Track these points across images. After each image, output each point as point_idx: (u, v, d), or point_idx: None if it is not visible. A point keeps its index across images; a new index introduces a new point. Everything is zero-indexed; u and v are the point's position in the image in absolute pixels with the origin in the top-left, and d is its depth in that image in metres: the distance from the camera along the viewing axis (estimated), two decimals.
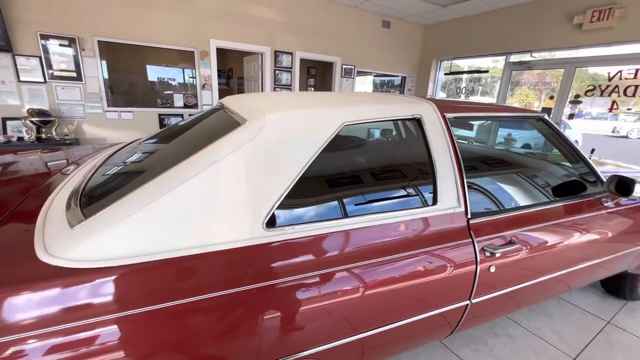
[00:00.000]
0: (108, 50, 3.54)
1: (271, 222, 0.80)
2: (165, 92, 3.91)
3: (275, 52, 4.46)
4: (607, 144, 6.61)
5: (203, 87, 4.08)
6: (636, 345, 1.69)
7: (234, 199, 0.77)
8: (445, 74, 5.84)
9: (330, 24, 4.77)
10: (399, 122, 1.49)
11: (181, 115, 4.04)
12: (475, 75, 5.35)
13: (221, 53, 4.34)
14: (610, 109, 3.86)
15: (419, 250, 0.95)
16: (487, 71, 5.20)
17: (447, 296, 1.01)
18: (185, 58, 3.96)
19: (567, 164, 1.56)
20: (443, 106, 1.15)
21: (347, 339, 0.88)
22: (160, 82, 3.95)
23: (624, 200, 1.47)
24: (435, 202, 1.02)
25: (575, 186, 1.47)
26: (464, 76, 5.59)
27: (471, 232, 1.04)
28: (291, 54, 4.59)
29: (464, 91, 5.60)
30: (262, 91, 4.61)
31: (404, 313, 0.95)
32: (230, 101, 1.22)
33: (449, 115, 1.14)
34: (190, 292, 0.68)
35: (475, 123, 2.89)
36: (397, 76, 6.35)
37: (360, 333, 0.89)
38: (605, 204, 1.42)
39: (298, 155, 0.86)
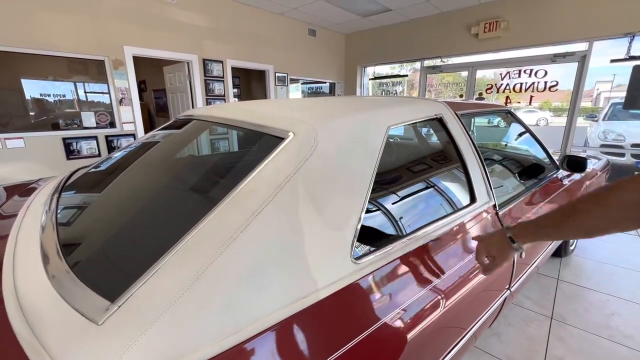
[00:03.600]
0: None
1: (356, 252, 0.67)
2: (67, 111, 3.14)
3: (204, 60, 4.07)
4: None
5: (120, 102, 3.44)
6: (583, 293, 2.04)
7: (313, 233, 0.61)
8: (370, 79, 6.26)
9: (259, 32, 4.61)
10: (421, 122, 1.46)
11: (95, 137, 3.32)
12: (397, 79, 5.88)
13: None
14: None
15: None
16: (406, 75, 5.77)
17: (493, 291, 1.02)
18: (90, 68, 3.27)
19: (525, 148, 1.79)
20: (452, 104, 1.17)
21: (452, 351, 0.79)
22: (62, 99, 3.14)
23: (574, 176, 1.76)
24: (473, 200, 1.02)
25: (537, 168, 1.69)
26: (388, 80, 6.08)
27: (502, 224, 1.08)
28: (221, 62, 4.26)
29: (389, 94, 6.09)
30: (192, 103, 4.15)
31: (478, 313, 0.91)
32: (231, 112, 1.00)
33: (459, 112, 1.16)
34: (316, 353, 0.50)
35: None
36: (326, 82, 6.54)
37: (457, 342, 0.82)
38: (562, 180, 1.67)
39: (361, 167, 0.74)
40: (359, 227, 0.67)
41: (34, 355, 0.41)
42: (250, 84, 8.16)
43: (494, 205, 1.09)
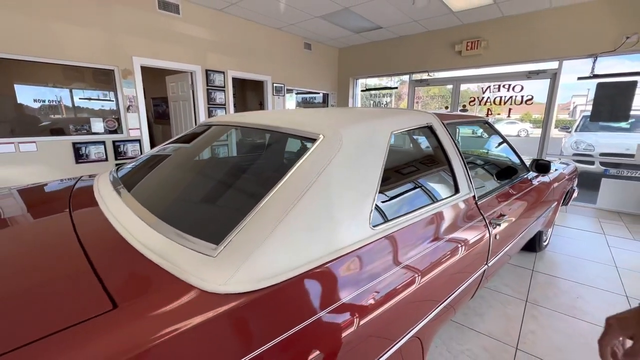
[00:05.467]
0: None
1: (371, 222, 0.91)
2: (78, 117, 3.29)
3: (207, 70, 4.29)
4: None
5: (128, 109, 3.62)
6: (553, 281, 2.33)
7: (344, 205, 0.84)
8: (362, 90, 6.61)
9: (259, 44, 4.88)
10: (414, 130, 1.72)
11: (103, 142, 3.47)
12: (387, 91, 6.24)
13: None
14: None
15: (463, 228, 1.18)
16: (395, 88, 6.13)
17: (476, 263, 1.27)
18: (102, 77, 3.44)
19: (502, 154, 2.08)
20: (439, 115, 1.44)
21: (437, 309, 1.03)
22: (68, 106, 3.29)
23: (540, 177, 2.06)
24: (457, 190, 1.28)
25: (510, 170, 1.98)
26: (379, 92, 6.43)
27: (480, 211, 1.34)
28: (223, 72, 4.49)
29: (379, 105, 6.44)
30: (195, 111, 4.35)
31: (464, 278, 1.16)
32: (264, 118, 1.24)
33: (445, 122, 1.43)
34: (338, 293, 0.73)
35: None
36: (319, 93, 6.85)
37: (442, 301, 1.05)
38: (532, 181, 1.96)
39: (373, 161, 0.98)
40: (373, 204, 0.91)
41: (179, 274, 0.63)
42: (245, 92, 8.41)
43: (474, 196, 1.35)
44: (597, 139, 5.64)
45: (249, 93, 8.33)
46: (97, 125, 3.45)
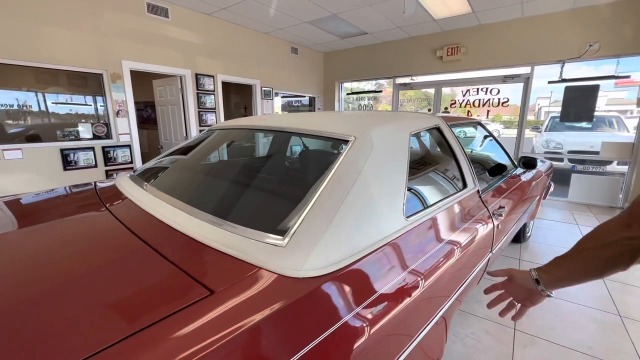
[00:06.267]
0: None
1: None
2: (66, 122, 3.17)
3: (197, 74, 4.27)
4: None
5: (117, 113, 3.54)
6: None
7: (382, 199, 0.94)
8: (347, 94, 6.77)
9: (247, 48, 4.91)
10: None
11: (92, 149, 3.37)
12: (372, 94, 6.43)
13: None
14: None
15: (474, 218, 1.31)
16: (380, 91, 6.34)
17: (485, 249, 1.40)
18: (89, 81, 3.35)
19: (495, 152, 2.26)
20: (444, 117, 1.57)
21: (458, 291, 1.14)
22: (56, 111, 3.16)
23: (528, 173, 2.25)
24: (465, 185, 1.41)
25: (502, 166, 2.16)
26: (364, 95, 6.62)
27: (485, 203, 1.48)
28: (213, 76, 4.48)
29: (365, 108, 6.62)
30: (185, 115, 4.30)
31: (476, 263, 1.28)
32: (290, 121, 1.31)
33: (449, 123, 1.57)
34: (388, 276, 0.82)
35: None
36: (305, 96, 6.94)
37: (462, 283, 1.17)
38: (521, 177, 2.14)
39: (400, 159, 1.08)
40: (405, 198, 1.01)
41: (257, 263, 0.69)
42: (229, 96, 8.34)
43: (478, 191, 1.49)
44: (564, 138, 6.11)
45: (233, 97, 8.27)
46: (86, 130, 3.35)
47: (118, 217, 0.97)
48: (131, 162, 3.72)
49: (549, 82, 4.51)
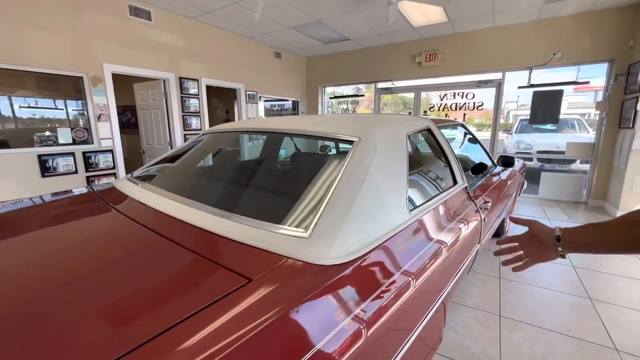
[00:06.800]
0: None
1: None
2: (42, 126, 3.04)
3: (181, 78, 4.22)
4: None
5: (99, 117, 3.43)
6: None
7: (388, 194, 1.02)
8: (330, 97, 6.89)
9: (231, 52, 4.91)
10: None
11: (72, 154, 3.25)
12: (355, 98, 6.59)
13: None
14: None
15: (464, 212, 1.42)
16: (362, 95, 6.51)
17: (474, 241, 1.52)
18: (68, 85, 3.23)
19: (476, 152, 2.42)
20: (433, 120, 1.69)
21: (455, 278, 1.23)
22: (31, 116, 3.02)
23: (506, 172, 2.43)
24: (455, 182, 1.52)
25: (484, 165, 2.32)
26: (347, 99, 6.76)
27: (472, 198, 1.60)
28: (197, 80, 4.44)
29: (346, 112, 6.76)
30: (168, 119, 4.23)
31: (468, 252, 1.39)
32: (300, 124, 1.37)
33: (438, 125, 1.68)
34: (399, 263, 0.89)
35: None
36: (288, 100, 6.99)
37: (457, 271, 1.27)
38: (500, 174, 2.31)
39: (400, 157, 1.17)
40: (407, 193, 1.09)
41: (286, 253, 0.74)
42: (210, 100, 8.23)
43: (466, 187, 1.61)
44: (533, 139, 6.54)
45: (214, 100, 8.17)
46: (65, 135, 3.22)
47: (144, 222, 0.98)
48: (114, 168, 3.61)
49: (519, 87, 4.84)
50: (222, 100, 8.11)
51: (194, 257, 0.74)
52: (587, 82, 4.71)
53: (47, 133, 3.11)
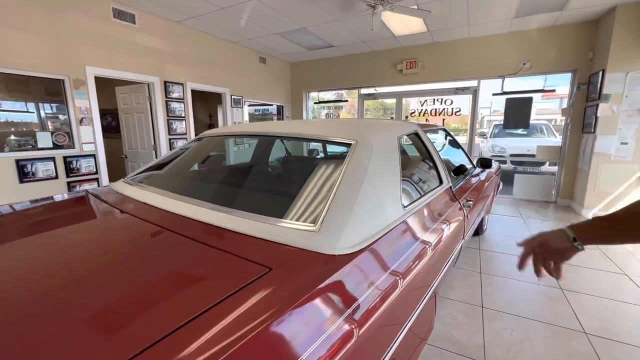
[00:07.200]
0: None
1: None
2: (20, 130, 2.93)
3: (165, 82, 4.18)
4: None
5: (81, 121, 3.35)
6: (496, 255, 2.91)
7: (385, 192, 1.11)
8: (315, 103, 7.00)
9: (217, 57, 4.91)
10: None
11: (52, 159, 3.14)
12: (339, 103, 6.74)
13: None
14: None
15: (450, 209, 1.54)
16: (346, 100, 6.67)
17: (459, 236, 1.64)
18: (49, 87, 3.14)
19: (457, 154, 2.58)
20: (420, 125, 1.81)
21: (445, 269, 1.34)
22: (7, 119, 2.90)
23: (484, 173, 2.60)
24: (441, 182, 1.64)
25: (464, 166, 2.48)
26: (332, 104, 6.90)
27: (456, 197, 1.73)
28: (182, 84, 4.41)
29: (332, 116, 6.89)
30: (153, 123, 4.17)
31: (455, 245, 1.50)
32: (298, 128, 1.44)
33: (424, 129, 1.81)
34: (399, 253, 0.98)
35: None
36: (272, 105, 7.03)
37: (447, 262, 1.37)
38: (479, 176, 2.48)
39: (394, 158, 1.27)
40: (401, 191, 1.19)
41: (299, 245, 0.81)
42: (193, 104, 8.12)
43: (450, 187, 1.74)
44: (507, 143, 6.93)
45: (197, 104, 8.07)
46: (45, 139, 3.12)
47: (160, 223, 1.01)
48: (96, 173, 3.52)
49: (493, 95, 5.15)
50: (204, 104, 8.02)
51: (216, 252, 0.80)
52: (554, 90, 5.09)
53: (26, 137, 3.00)
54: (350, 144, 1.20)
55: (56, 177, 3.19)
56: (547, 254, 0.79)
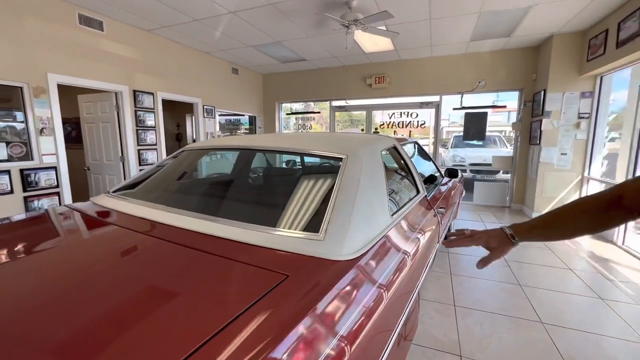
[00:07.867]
0: None
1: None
2: None
3: (135, 91, 4.04)
4: None
5: (41, 131, 3.13)
6: (463, 257, 3.16)
7: (376, 202, 1.22)
8: (287, 114, 7.09)
9: (189, 67, 4.84)
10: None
11: (7, 172, 2.90)
12: (311, 115, 6.89)
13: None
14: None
15: (427, 216, 1.69)
16: (318, 112, 6.84)
17: (435, 240, 1.80)
18: (2, 95, 2.91)
19: (426, 166, 2.80)
20: (396, 139, 1.98)
21: (425, 271, 1.47)
22: None
23: (451, 182, 2.85)
24: (418, 192, 1.80)
25: (435, 177, 2.70)
26: (304, 115, 7.02)
27: (431, 204, 1.90)
28: (152, 94, 4.29)
29: (304, 127, 7.02)
30: (120, 133, 3.99)
31: (432, 250, 1.65)
32: (289, 142, 1.52)
33: (400, 143, 1.98)
34: (393, 256, 1.09)
35: None
36: (244, 115, 7.01)
37: (426, 265, 1.51)
38: (448, 184, 2.71)
39: (379, 171, 1.40)
40: (387, 201, 1.31)
41: (307, 253, 0.88)
42: (164, 116, 7.83)
43: (425, 196, 1.91)
44: (466, 153, 7.51)
45: (165, 114, 7.78)
46: None
47: (170, 238, 1.03)
48: (57, 187, 3.29)
49: (454, 109, 5.60)
50: (172, 114, 7.76)
51: (231, 263, 0.84)
52: (504, 106, 5.67)
53: None
54: (342, 158, 1.31)
55: (11, 191, 2.94)
56: (488, 248, 0.88)
